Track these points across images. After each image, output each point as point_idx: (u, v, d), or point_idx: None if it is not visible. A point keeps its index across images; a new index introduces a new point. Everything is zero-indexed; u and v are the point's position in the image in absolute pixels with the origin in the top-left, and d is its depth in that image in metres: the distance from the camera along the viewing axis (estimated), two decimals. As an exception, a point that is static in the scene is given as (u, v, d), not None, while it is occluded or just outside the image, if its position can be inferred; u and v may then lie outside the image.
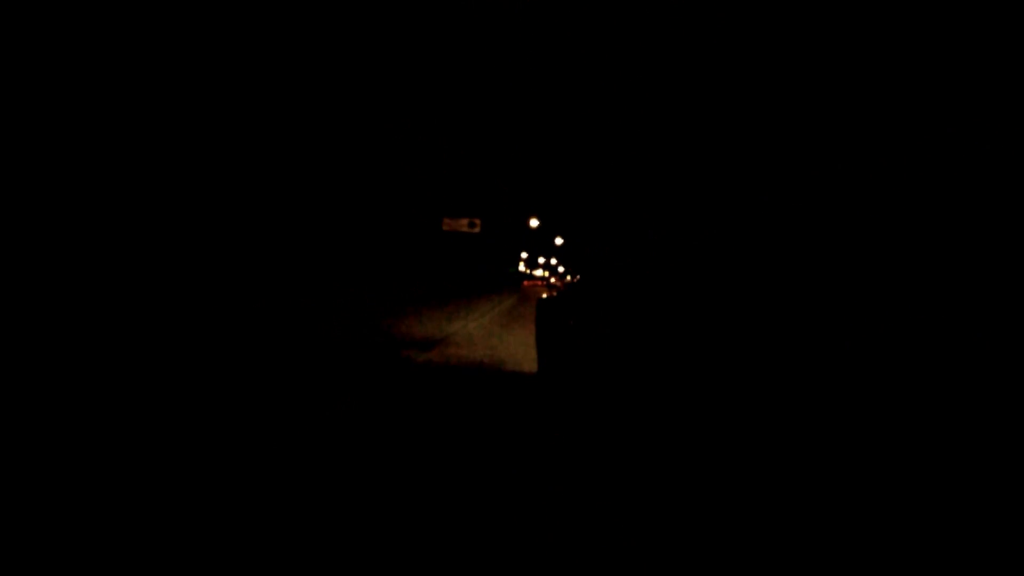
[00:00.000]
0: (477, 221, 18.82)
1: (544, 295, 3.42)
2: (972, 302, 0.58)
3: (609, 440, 1.62)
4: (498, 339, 6.75)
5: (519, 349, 5.85)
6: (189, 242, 9.44)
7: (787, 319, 0.89)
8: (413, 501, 1.88)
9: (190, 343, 5.18)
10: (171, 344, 5.05)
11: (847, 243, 0.85)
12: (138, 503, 1.78)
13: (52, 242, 7.30)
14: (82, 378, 3.47)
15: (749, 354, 0.94)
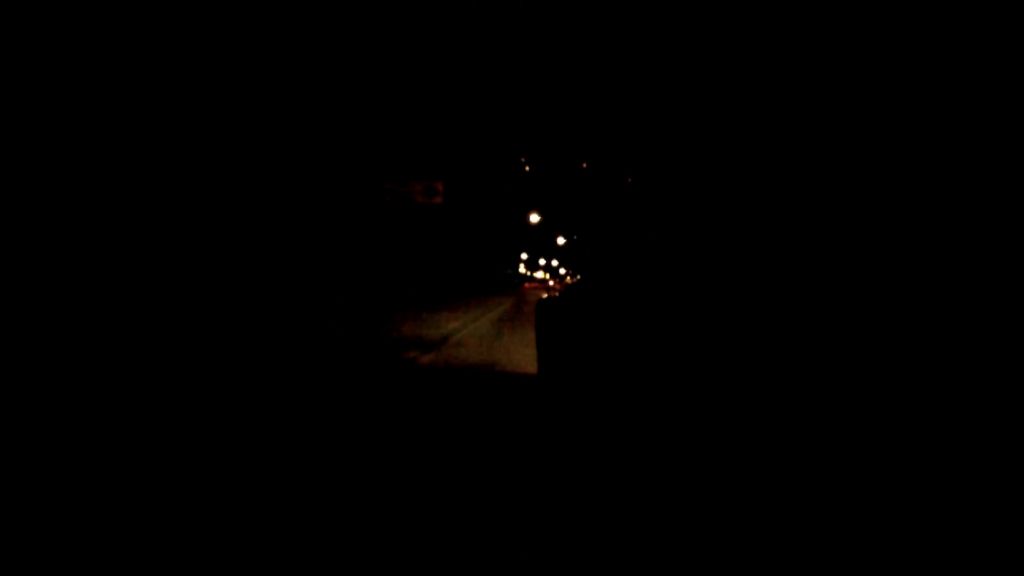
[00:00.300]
0: (439, 186, 13.43)
1: (545, 295, 3.41)
2: (974, 304, 0.58)
3: (609, 441, 1.61)
4: (497, 340, 6.74)
5: (518, 350, 5.84)
6: (188, 242, 9.44)
7: (787, 320, 0.88)
8: (413, 502, 1.86)
9: (189, 344, 5.18)
10: (170, 345, 5.04)
11: (848, 244, 0.83)
12: (138, 503, 1.77)
13: (50, 242, 7.30)
14: (82, 378, 3.47)
15: (749, 355, 0.93)
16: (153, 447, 2.32)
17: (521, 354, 5.52)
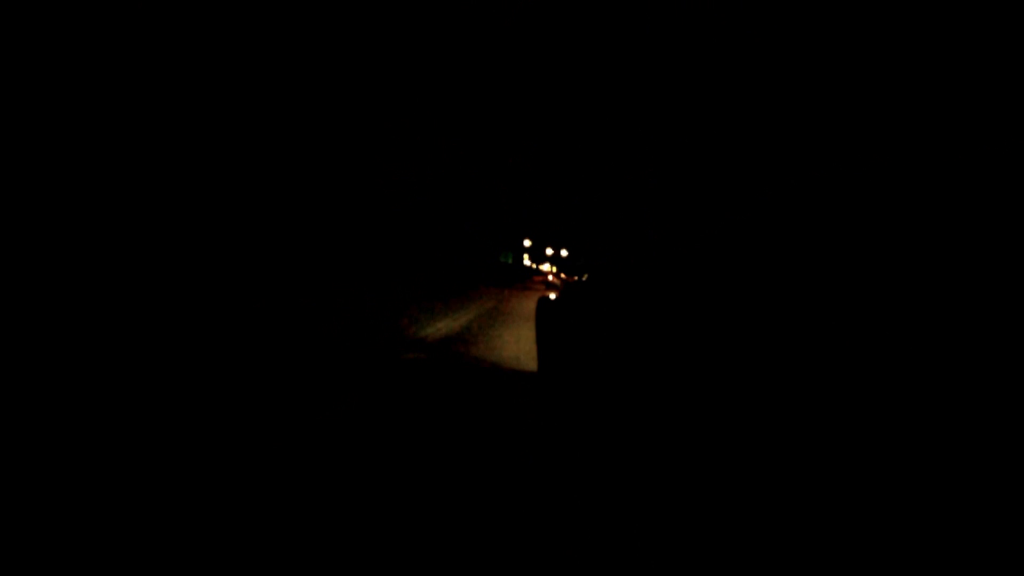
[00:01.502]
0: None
1: (551, 295, 3.39)
2: (973, 303, 0.58)
3: (609, 439, 1.59)
4: (497, 336, 6.74)
5: (517, 346, 5.83)
6: (187, 242, 9.44)
7: (787, 321, 0.88)
8: (413, 500, 1.85)
9: (189, 343, 5.17)
10: (170, 344, 5.03)
11: (848, 244, 0.83)
12: (138, 503, 1.76)
13: (52, 242, 7.31)
14: (82, 378, 3.46)
15: (749, 355, 0.93)
16: (154, 445, 2.31)
17: (518, 350, 5.52)
